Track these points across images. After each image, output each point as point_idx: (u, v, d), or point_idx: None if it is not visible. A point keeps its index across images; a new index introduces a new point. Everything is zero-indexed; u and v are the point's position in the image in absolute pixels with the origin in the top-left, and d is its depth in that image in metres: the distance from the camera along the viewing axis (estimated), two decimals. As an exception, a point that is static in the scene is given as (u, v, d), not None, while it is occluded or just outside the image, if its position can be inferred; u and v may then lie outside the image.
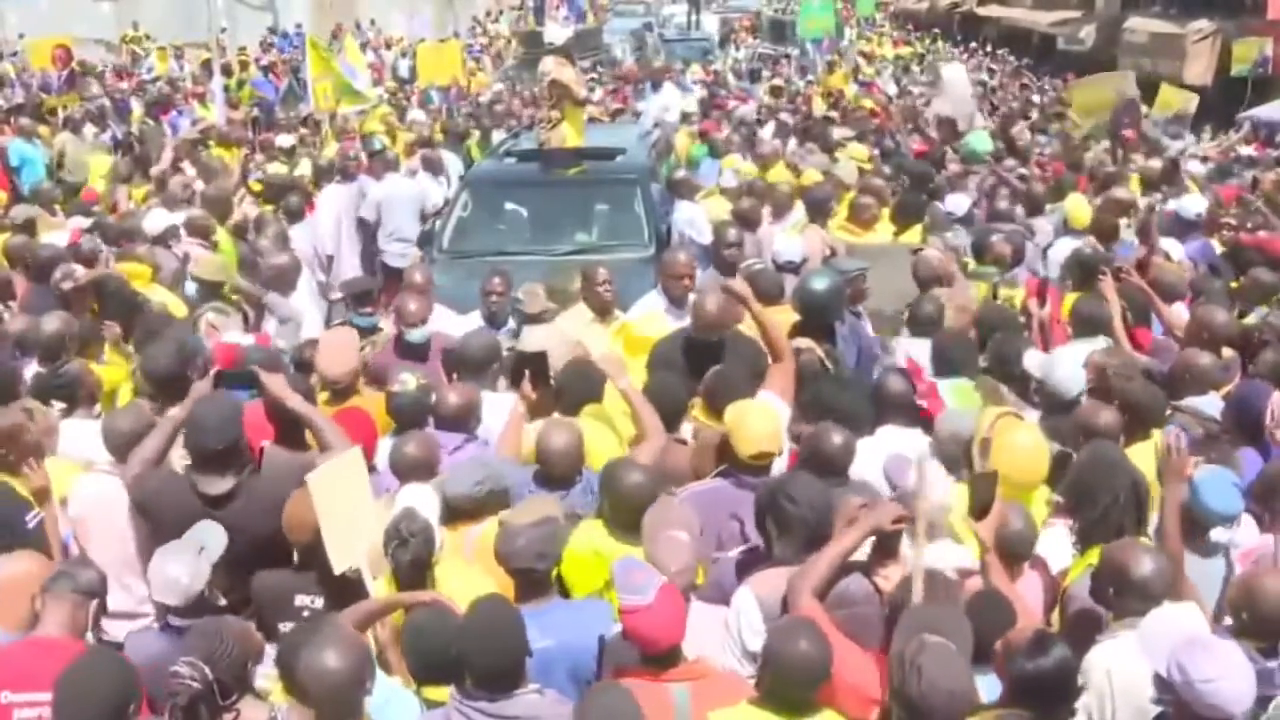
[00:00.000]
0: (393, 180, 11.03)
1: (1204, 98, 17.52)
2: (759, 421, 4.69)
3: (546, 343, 5.60)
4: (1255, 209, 9.50)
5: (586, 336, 6.09)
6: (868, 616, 3.77)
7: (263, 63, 24.52)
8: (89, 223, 8.99)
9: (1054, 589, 4.29)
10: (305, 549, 4.18)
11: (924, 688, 3.12)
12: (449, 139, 14.11)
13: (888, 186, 10.23)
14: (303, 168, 12.16)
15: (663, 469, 4.81)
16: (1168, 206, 9.60)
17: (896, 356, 6.26)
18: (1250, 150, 15.60)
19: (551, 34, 26.49)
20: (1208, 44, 23.73)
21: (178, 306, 7.12)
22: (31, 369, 5.81)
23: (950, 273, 7.25)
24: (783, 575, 3.83)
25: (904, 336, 6.58)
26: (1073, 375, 5.53)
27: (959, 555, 3.84)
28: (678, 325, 6.19)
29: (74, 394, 5.50)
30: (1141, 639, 3.55)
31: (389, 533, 4.05)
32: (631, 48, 30.12)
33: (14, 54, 25.23)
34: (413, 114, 16.70)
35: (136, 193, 10.82)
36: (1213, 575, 4.31)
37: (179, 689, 3.23)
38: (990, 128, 14.57)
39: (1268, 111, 18.35)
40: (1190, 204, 9.35)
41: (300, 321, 7.35)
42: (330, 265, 10.28)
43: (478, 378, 5.69)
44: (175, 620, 3.85)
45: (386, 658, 3.94)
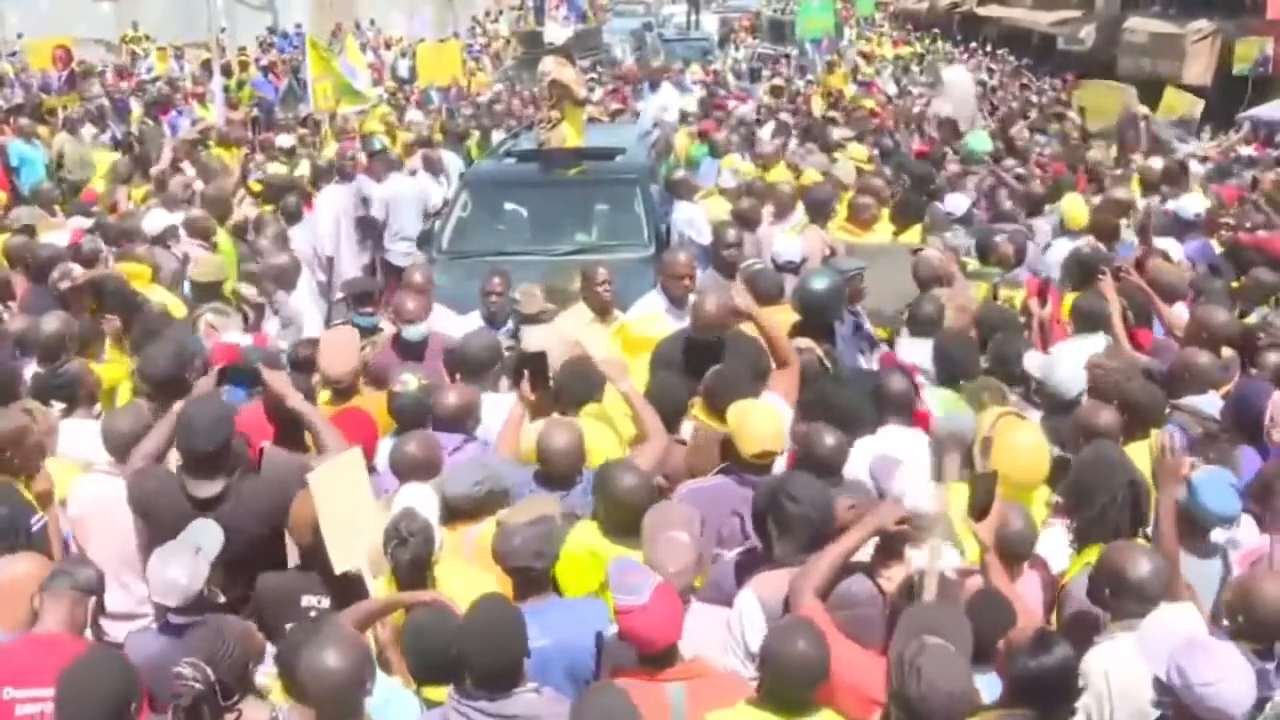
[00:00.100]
0: (396, 180, 11.04)
1: (1204, 98, 17.52)
2: (762, 421, 4.70)
3: (546, 343, 5.60)
4: (1258, 208, 9.50)
5: (586, 337, 6.08)
6: (870, 617, 3.77)
7: (262, 63, 24.51)
8: (89, 223, 8.99)
9: (1054, 589, 4.29)
10: (309, 549, 4.18)
11: (923, 689, 3.12)
12: (449, 139, 14.11)
13: (888, 187, 10.23)
14: (302, 168, 12.16)
15: (664, 471, 4.82)
16: (1166, 206, 9.60)
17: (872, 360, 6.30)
18: (1250, 150, 15.59)
19: (551, 34, 26.57)
20: (1207, 44, 23.74)
21: (177, 307, 7.12)
22: (31, 369, 5.81)
23: (950, 273, 7.25)
24: (785, 577, 3.84)
25: (904, 336, 6.59)
26: (1073, 376, 5.53)
27: (949, 557, 3.84)
28: (678, 325, 6.19)
29: (74, 394, 5.50)
30: (1140, 642, 3.55)
31: (389, 532, 4.05)
32: (631, 48, 30.15)
33: (14, 54, 25.21)
34: (411, 114, 16.69)
35: (136, 193, 10.81)
36: (1210, 576, 4.32)
37: (181, 690, 3.22)
38: (990, 128, 14.58)
39: (1268, 111, 18.34)
40: (1189, 204, 9.33)
41: (301, 324, 7.35)
42: (331, 266, 10.28)
43: (479, 379, 5.69)
44: (175, 619, 3.84)
45: (386, 658, 3.94)
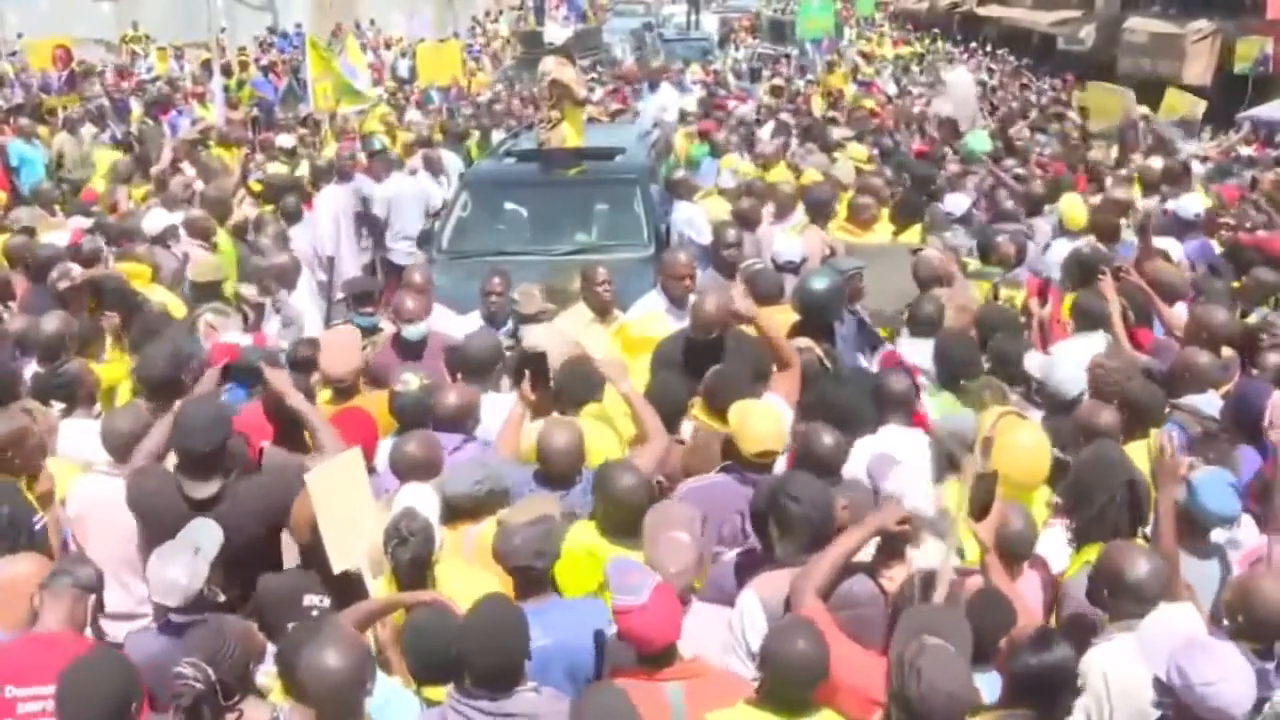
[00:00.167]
0: (398, 179, 11.05)
1: (1204, 98, 17.50)
2: (763, 420, 4.71)
3: (546, 342, 5.60)
4: (1258, 208, 9.49)
5: (586, 337, 6.08)
6: (872, 618, 3.77)
7: (262, 63, 24.51)
8: (89, 223, 8.99)
9: (1054, 589, 4.29)
10: (309, 549, 4.18)
11: (923, 690, 3.11)
12: (449, 139, 14.10)
13: (888, 187, 10.22)
14: (302, 168, 12.16)
15: (665, 472, 4.82)
16: (1166, 206, 9.59)
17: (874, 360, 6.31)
18: (1250, 150, 15.59)
19: (551, 34, 26.54)
20: (1207, 44, 23.73)
21: (177, 307, 7.13)
22: (31, 369, 5.81)
23: (950, 273, 7.25)
24: (786, 577, 3.83)
25: (904, 337, 6.59)
26: (1073, 376, 5.53)
27: (939, 556, 3.84)
28: (678, 325, 6.19)
29: (73, 394, 5.50)
30: (1140, 642, 3.55)
31: (389, 532, 4.05)
32: (631, 48, 30.14)
33: (14, 54, 25.21)
34: (411, 114, 16.68)
35: (136, 193, 10.81)
36: (1210, 576, 4.31)
37: (182, 690, 3.22)
38: (990, 128, 14.57)
39: (1268, 111, 18.33)
40: (1189, 204, 9.31)
41: (301, 324, 7.35)
42: (331, 265, 10.28)
43: (482, 379, 5.69)
44: (175, 618, 3.84)
45: (386, 658, 3.94)
